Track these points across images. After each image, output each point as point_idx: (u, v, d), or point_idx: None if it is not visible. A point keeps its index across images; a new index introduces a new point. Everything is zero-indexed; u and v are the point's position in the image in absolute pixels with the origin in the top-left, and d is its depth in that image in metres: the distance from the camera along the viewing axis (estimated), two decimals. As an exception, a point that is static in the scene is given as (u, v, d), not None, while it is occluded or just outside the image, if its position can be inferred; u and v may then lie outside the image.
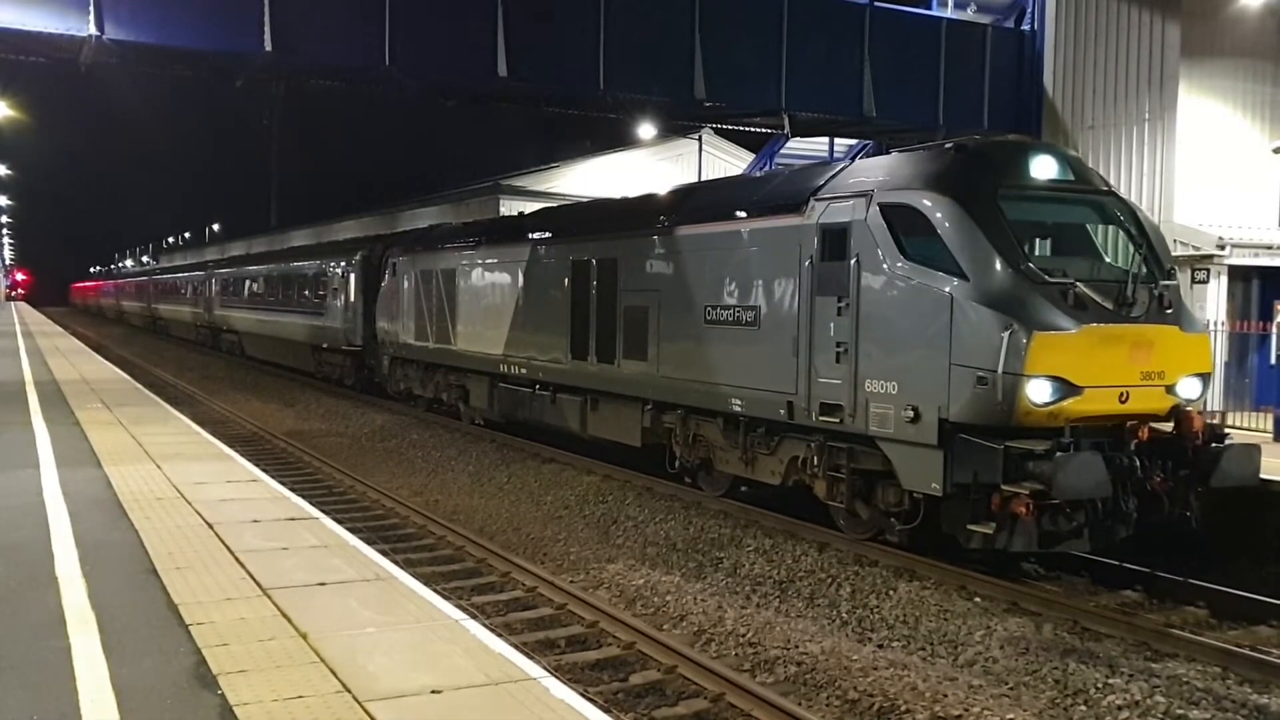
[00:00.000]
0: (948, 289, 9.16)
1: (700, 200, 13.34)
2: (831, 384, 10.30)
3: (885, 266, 9.77)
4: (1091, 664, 7.73)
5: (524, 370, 16.60)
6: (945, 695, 7.19)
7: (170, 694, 4.80)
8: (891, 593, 9.45)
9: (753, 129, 26.49)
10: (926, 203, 9.61)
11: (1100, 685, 7.36)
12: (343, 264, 26.20)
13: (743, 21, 20.67)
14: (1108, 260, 10.21)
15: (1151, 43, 20.48)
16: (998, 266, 9.09)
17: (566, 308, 15.29)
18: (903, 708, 7.00)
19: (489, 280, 18.12)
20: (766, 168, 28.84)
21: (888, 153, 11.54)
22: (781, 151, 29.06)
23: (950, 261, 9.25)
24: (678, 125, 30.04)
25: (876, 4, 22.40)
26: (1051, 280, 9.13)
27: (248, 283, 36.85)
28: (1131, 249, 10.06)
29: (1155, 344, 9.27)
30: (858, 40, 21.86)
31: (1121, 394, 9.13)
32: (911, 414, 9.36)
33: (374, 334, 23.83)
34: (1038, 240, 10.07)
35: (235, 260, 46.72)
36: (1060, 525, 8.96)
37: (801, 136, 26.05)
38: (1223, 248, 18.23)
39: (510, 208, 32.21)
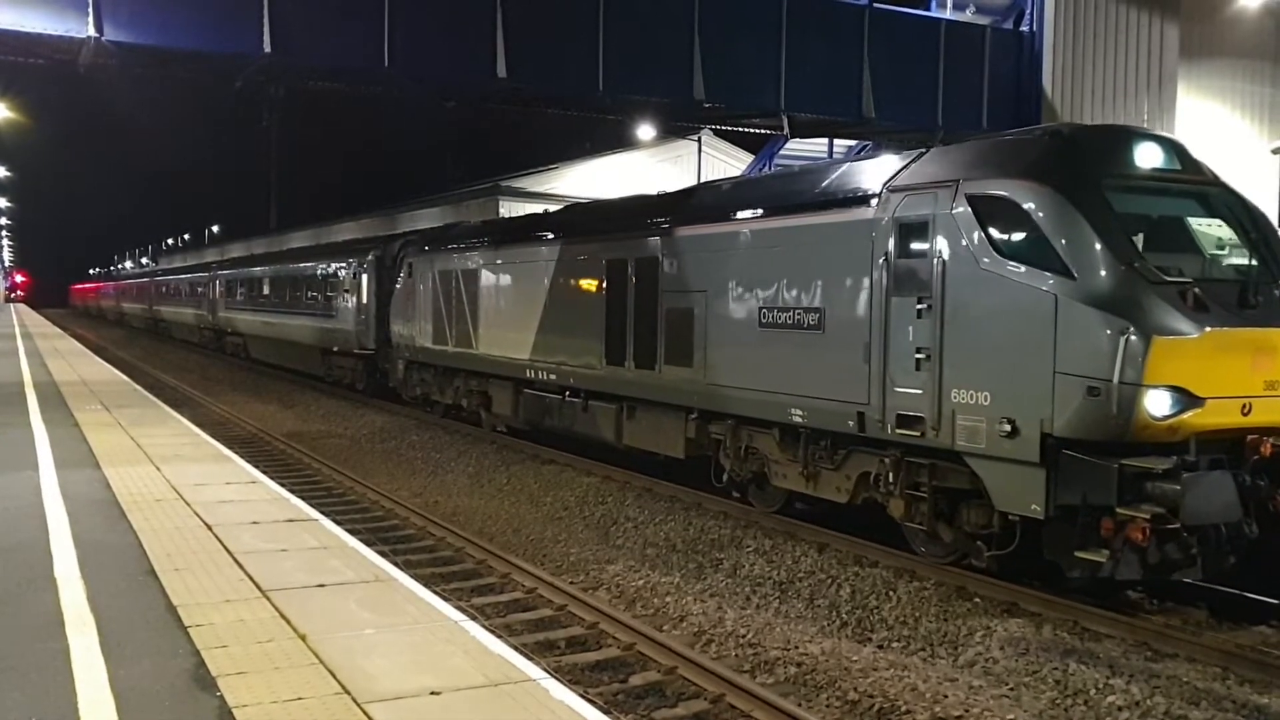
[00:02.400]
0: (1051, 288, 8.30)
1: (753, 194, 12.28)
2: (910, 394, 9.37)
3: (975, 264, 8.85)
4: (1092, 664, 7.72)
5: (553, 376, 15.66)
6: (945, 696, 7.18)
7: (169, 696, 4.79)
8: (891, 593, 9.44)
9: (752, 130, 26.57)
10: (1023, 193, 8.71)
11: (1100, 686, 7.35)
12: (354, 264, 25.34)
13: (742, 23, 20.71)
14: (1221, 257, 9.22)
15: (1150, 44, 20.51)
16: (1108, 263, 8.24)
17: (600, 310, 14.33)
18: (903, 708, 6.99)
19: (514, 281, 17.14)
20: (765, 169, 28.88)
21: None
22: (780, 153, 29.10)
23: (1053, 258, 8.39)
24: (677, 127, 30.10)
25: (875, 5, 22.44)
26: (1169, 279, 8.25)
27: (254, 284, 35.85)
28: (1246, 245, 9.13)
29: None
30: (857, 42, 21.90)
31: (1244, 405, 8.26)
32: (1008, 428, 8.43)
33: (387, 337, 22.88)
34: (1145, 235, 8.96)
35: (240, 261, 45.59)
36: (1176, 552, 8.19)
37: (801, 137, 26.10)
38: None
39: (509, 209, 32.25)
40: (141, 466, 10.89)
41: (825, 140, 28.40)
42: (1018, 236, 8.77)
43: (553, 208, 24.19)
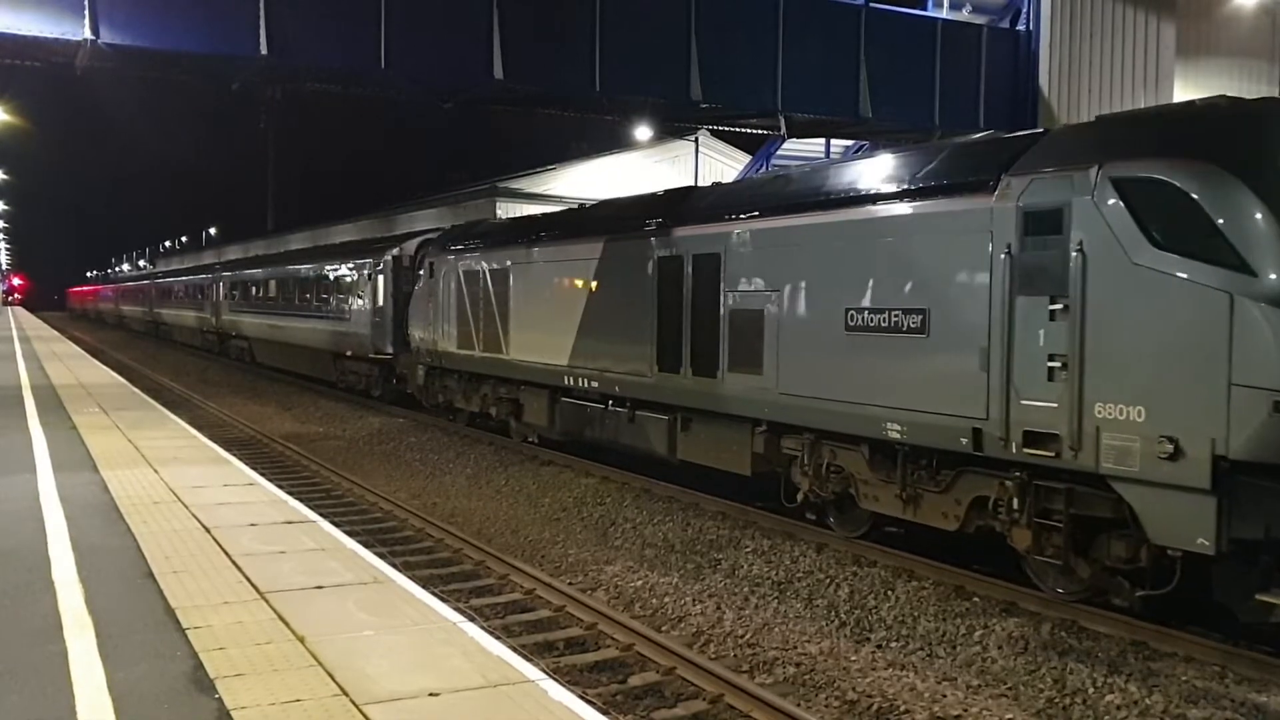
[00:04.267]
0: (1224, 286, 7.20)
1: (837, 183, 10.86)
2: (1041, 408, 8.20)
3: (1124, 258, 7.70)
4: (1090, 663, 7.73)
5: (595, 384, 14.49)
6: (944, 695, 7.19)
7: (167, 698, 4.79)
8: (890, 593, 9.45)
9: (749, 130, 26.56)
10: (1185, 175, 7.55)
11: (1099, 685, 7.36)
12: (369, 264, 24.13)
13: (739, 23, 20.71)
14: None
15: (1147, 42, 20.53)
16: None
17: (651, 312, 13.17)
18: (901, 708, 7.00)
19: (552, 281, 15.92)
20: (763, 169, 28.87)
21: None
22: (778, 153, 29.10)
23: (1226, 251, 7.28)
24: (674, 127, 30.10)
25: (872, 5, 22.45)
26: None
27: (260, 285, 34.38)
28: None
29: None
30: (853, 41, 21.90)
31: None
32: (1169, 448, 7.33)
33: (406, 341, 21.75)
34: None
35: (245, 262, 43.97)
36: None
37: (798, 138, 26.10)
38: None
39: (507, 210, 32.22)
40: (139, 469, 10.88)
41: (822, 141, 28.40)
42: (1179, 226, 7.57)
43: (551, 209, 24.17)
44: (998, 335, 8.60)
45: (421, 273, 20.88)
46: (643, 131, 28.88)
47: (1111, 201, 7.85)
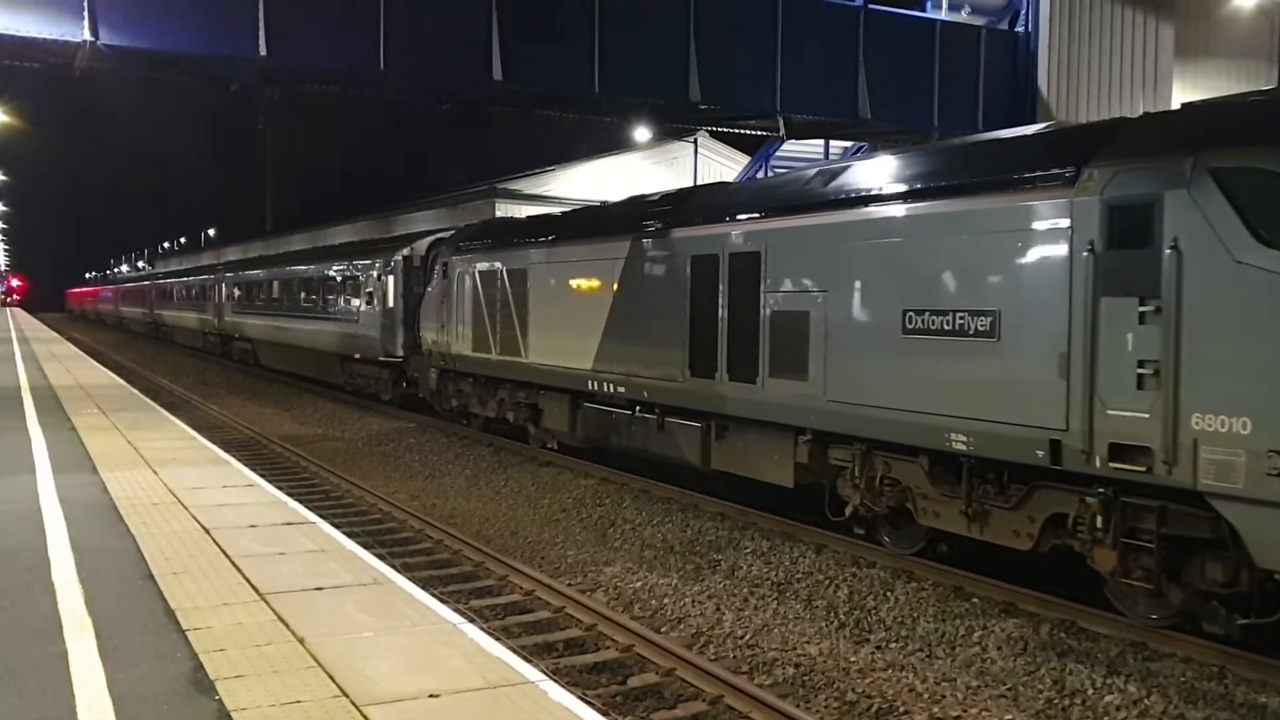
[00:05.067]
0: None
1: (893, 176, 10.16)
2: (1130, 418, 7.55)
3: (1227, 256, 7.12)
4: (1089, 664, 7.73)
5: (621, 389, 13.77)
6: (943, 696, 7.20)
7: (167, 700, 4.79)
8: (889, 594, 9.45)
9: (748, 132, 26.59)
10: None
11: (1098, 685, 7.37)
12: (379, 265, 23.40)
13: (737, 24, 20.74)
14: None
15: (1145, 43, 20.56)
16: None
17: (683, 313, 12.49)
18: (901, 709, 7.00)
19: (575, 281, 15.18)
20: (762, 171, 28.89)
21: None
22: (777, 154, 29.12)
23: None
24: (673, 128, 30.12)
25: (871, 6, 22.48)
26: None
27: (265, 286, 33.45)
28: None
29: None
30: (852, 43, 21.94)
31: None
32: (1279, 463, 6.84)
33: (417, 343, 21.10)
34: None
35: (250, 262, 42.92)
36: None
37: (797, 139, 26.13)
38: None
39: (505, 211, 32.22)
40: (139, 470, 10.88)
41: (821, 141, 28.43)
42: None
43: (550, 210, 24.13)
44: (1079, 340, 7.94)
45: (435, 273, 20.22)
46: (642, 133, 28.91)
47: (1210, 195, 7.25)
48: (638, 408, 13.68)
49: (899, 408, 9.52)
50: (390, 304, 22.66)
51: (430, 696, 4.88)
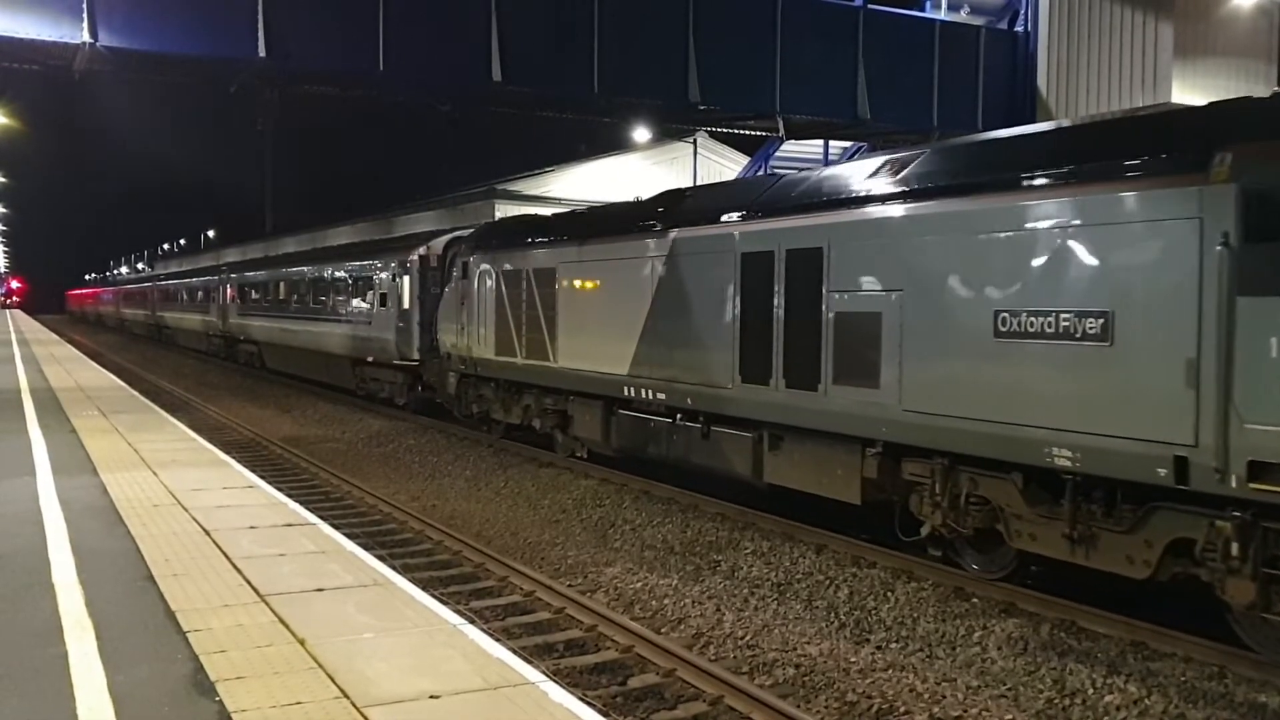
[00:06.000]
0: None
1: (978, 161, 9.41)
2: (1274, 432, 6.82)
3: None
4: (1089, 664, 7.73)
5: (661, 395, 12.93)
6: (944, 696, 7.20)
7: (168, 701, 4.79)
8: (889, 594, 9.45)
9: (747, 132, 26.61)
10: None
11: (1098, 685, 7.37)
12: (394, 265, 22.51)
13: (737, 25, 20.78)
14: None
15: (1144, 43, 20.57)
16: None
17: (732, 315, 11.70)
18: (901, 709, 7.01)
19: (610, 281, 14.33)
20: (762, 171, 28.91)
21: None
22: (776, 154, 29.15)
23: None
24: (673, 129, 30.16)
25: (870, 6, 22.49)
26: None
27: (272, 287, 32.51)
28: None
29: None
30: (851, 43, 21.98)
31: None
32: None
33: (434, 346, 20.29)
34: None
35: (255, 263, 41.87)
36: None
37: (796, 139, 26.16)
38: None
39: (506, 211, 32.22)
40: (139, 472, 10.88)
41: (820, 141, 28.46)
42: None
43: (547, 210, 24.06)
44: (1211, 344, 7.11)
45: (453, 273, 19.36)
46: (641, 133, 28.95)
47: None
48: (679, 415, 12.83)
49: (989, 419, 8.62)
50: (405, 305, 21.85)
51: (431, 698, 4.88)
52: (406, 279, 21.87)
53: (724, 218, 12.13)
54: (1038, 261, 8.35)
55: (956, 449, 9.08)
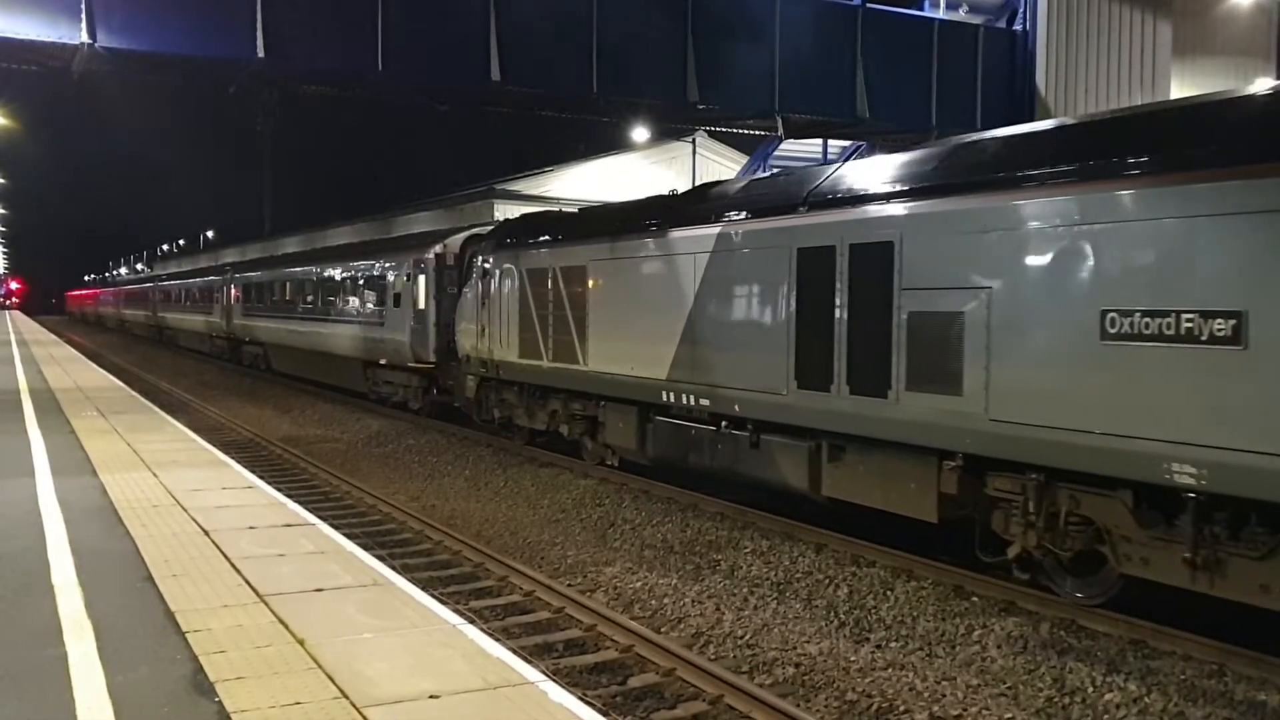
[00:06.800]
0: None
1: (1081, 145, 8.49)
2: None
3: None
4: (1089, 662, 7.73)
5: (704, 401, 12.15)
6: (943, 695, 7.20)
7: (167, 702, 4.79)
8: (889, 593, 9.45)
9: (746, 131, 26.64)
10: None
11: (1098, 683, 7.37)
12: (409, 263, 21.60)
13: (735, 24, 20.77)
14: None
15: (1143, 42, 20.59)
16: None
17: (787, 315, 10.93)
18: (901, 708, 7.01)
19: (646, 279, 13.53)
20: (760, 171, 28.92)
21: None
22: (775, 154, 29.17)
23: None
24: (671, 128, 30.17)
25: (869, 5, 22.50)
26: None
27: (279, 287, 31.56)
28: None
29: None
30: (850, 42, 21.99)
31: None
32: None
33: (452, 348, 19.45)
34: None
35: (262, 262, 40.45)
36: None
37: (795, 138, 26.16)
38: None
39: (505, 211, 32.21)
40: (138, 472, 10.88)
41: (819, 141, 28.48)
42: None
43: (552, 208, 24.02)
44: None
45: (472, 271, 18.57)
46: (640, 133, 28.95)
47: None
48: (724, 423, 12.04)
49: (1095, 430, 7.80)
50: (421, 305, 20.92)
51: (430, 697, 4.88)
52: (422, 278, 20.99)
53: (775, 210, 11.37)
54: (1153, 257, 7.54)
55: (1054, 463, 8.25)
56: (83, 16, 15.74)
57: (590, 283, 14.72)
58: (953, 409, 8.94)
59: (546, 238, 16.46)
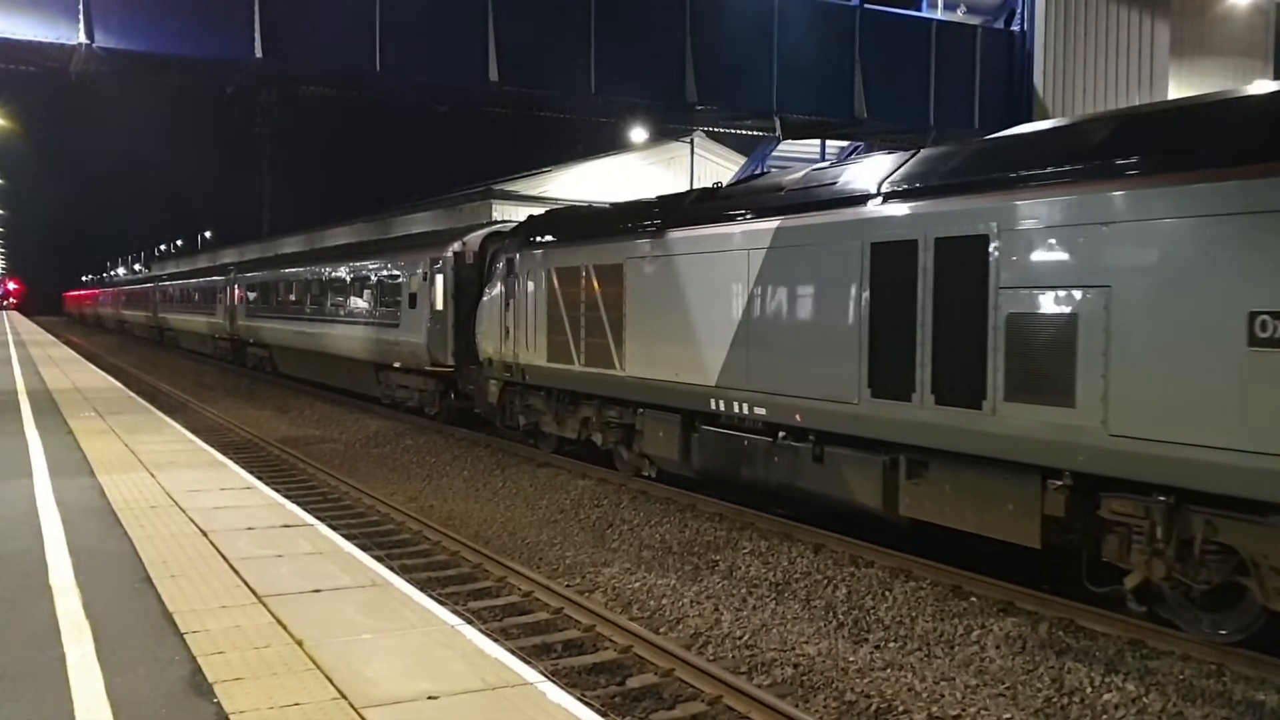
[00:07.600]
0: None
1: (1219, 128, 7.60)
2: None
3: None
4: (1087, 662, 7.74)
5: (760, 410, 11.24)
6: (942, 696, 7.20)
7: (166, 703, 4.79)
8: (887, 593, 9.45)
9: (744, 132, 26.66)
10: None
11: (1096, 683, 7.37)
12: (426, 262, 20.51)
13: (733, 24, 20.80)
14: None
15: (1141, 42, 20.60)
16: None
17: (858, 316, 10.00)
18: (900, 708, 7.01)
19: (691, 278, 12.52)
20: (759, 171, 28.94)
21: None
22: (773, 154, 29.19)
23: None
24: (670, 129, 30.17)
25: (867, 6, 22.52)
26: None
27: (284, 288, 30.57)
28: None
29: None
30: (848, 42, 22.02)
31: None
32: None
33: (472, 351, 18.50)
34: None
35: (267, 262, 39.27)
36: None
37: (793, 139, 26.19)
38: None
39: (503, 212, 32.18)
40: (136, 473, 10.87)
41: (818, 141, 28.50)
42: None
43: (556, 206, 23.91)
44: None
45: (494, 271, 17.73)
46: (638, 133, 28.96)
47: None
48: (782, 434, 11.12)
49: (1240, 448, 6.93)
50: (439, 306, 19.84)
51: (429, 698, 4.87)
52: (440, 277, 19.91)
53: (844, 203, 10.47)
54: None
55: (1188, 484, 7.34)
56: (80, 17, 15.74)
57: (627, 282, 13.73)
58: (1062, 422, 8.03)
59: (577, 234, 15.48)
